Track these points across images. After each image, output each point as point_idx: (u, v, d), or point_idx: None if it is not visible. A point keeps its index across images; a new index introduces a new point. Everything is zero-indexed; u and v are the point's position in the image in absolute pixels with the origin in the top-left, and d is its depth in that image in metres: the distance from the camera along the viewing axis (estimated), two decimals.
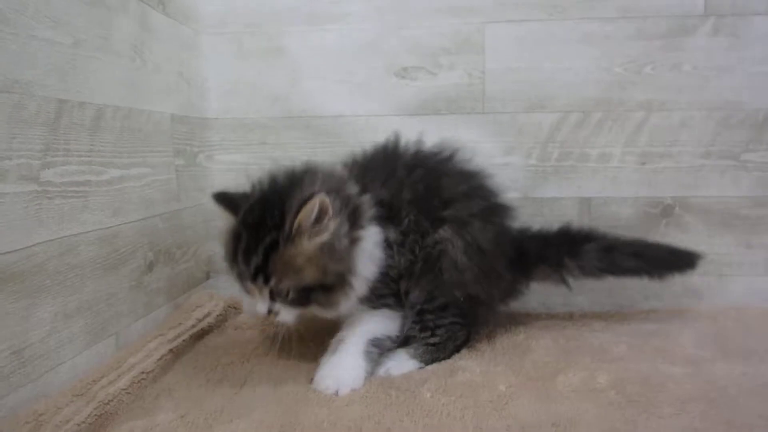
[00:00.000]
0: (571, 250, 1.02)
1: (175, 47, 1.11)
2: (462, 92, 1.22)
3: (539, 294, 1.17)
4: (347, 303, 0.84)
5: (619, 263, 1.02)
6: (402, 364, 0.90)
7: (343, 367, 0.84)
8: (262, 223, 0.80)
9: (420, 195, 0.91)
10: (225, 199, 0.85)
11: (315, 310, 0.85)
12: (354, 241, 0.82)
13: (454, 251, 0.90)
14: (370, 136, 1.09)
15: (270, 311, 0.82)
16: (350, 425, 0.73)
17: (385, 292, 0.89)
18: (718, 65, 1.17)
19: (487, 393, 0.82)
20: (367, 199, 0.86)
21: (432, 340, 0.93)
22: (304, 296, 0.82)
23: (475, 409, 0.77)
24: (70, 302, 0.79)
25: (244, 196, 0.84)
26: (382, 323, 0.90)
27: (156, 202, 1.01)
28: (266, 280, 0.80)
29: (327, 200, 0.78)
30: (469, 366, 0.91)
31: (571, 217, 1.21)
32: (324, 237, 0.80)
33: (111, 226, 0.88)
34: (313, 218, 0.78)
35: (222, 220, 0.88)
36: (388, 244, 0.87)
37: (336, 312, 0.86)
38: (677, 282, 1.14)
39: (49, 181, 0.75)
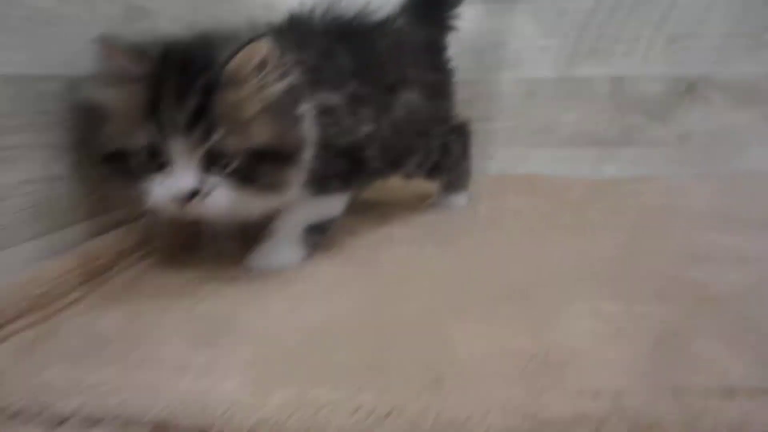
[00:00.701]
0: None
1: None
2: None
3: None
4: (295, 186, 0.69)
5: None
6: (453, 200, 1.10)
7: (277, 251, 0.75)
8: (195, 63, 0.60)
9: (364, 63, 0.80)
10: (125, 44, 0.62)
11: (249, 199, 0.64)
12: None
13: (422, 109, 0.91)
14: None
15: (196, 191, 0.60)
16: None
17: (329, 173, 0.73)
18: None
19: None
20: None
21: (458, 166, 1.09)
22: (250, 168, 0.62)
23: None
24: None
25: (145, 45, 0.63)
26: (325, 208, 0.79)
27: None
28: (206, 133, 0.59)
29: (275, 46, 0.63)
30: None
31: (605, 93, 1.41)
32: (278, 86, 0.64)
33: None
34: (258, 62, 0.62)
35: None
36: (328, 112, 0.72)
37: (279, 199, 0.69)
38: (701, 152, 1.35)
39: None
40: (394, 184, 1.08)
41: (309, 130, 0.68)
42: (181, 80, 0.59)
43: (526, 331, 0.53)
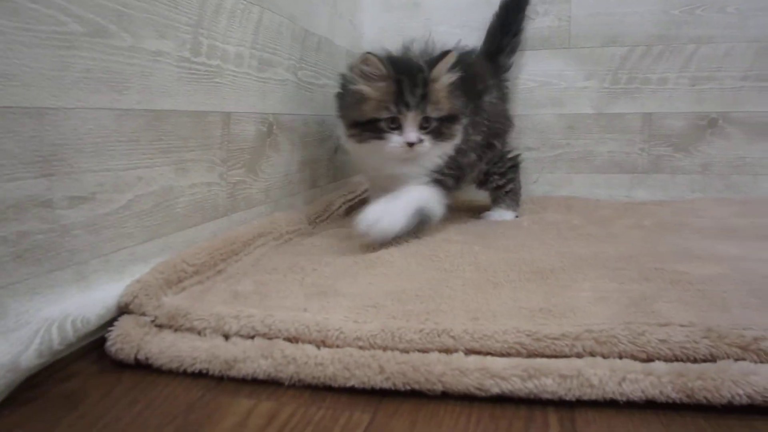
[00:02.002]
0: None
1: (349, 1, 1.59)
2: (553, 32, 1.64)
3: None
4: (457, 139, 1.11)
5: None
6: (502, 214, 1.35)
7: (388, 212, 1.01)
8: (417, 69, 1.04)
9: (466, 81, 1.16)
10: (378, 57, 1.02)
11: (435, 147, 1.07)
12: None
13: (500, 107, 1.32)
14: None
15: (416, 141, 1.03)
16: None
17: (449, 171, 1.13)
18: (757, 6, 1.52)
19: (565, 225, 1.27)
20: None
21: (509, 187, 1.35)
22: (438, 127, 1.05)
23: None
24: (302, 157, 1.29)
25: (387, 57, 1.06)
26: (434, 199, 1.09)
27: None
28: (422, 109, 1.02)
29: (454, 54, 1.06)
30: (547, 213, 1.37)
31: (636, 127, 1.62)
32: (452, 78, 1.08)
33: (323, 115, 1.38)
34: (448, 65, 1.06)
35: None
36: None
37: (450, 145, 1.10)
38: (720, 180, 1.55)
39: (300, 78, 1.24)
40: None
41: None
42: (410, 79, 1.02)
43: (541, 297, 0.75)
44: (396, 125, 1.03)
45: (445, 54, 1.06)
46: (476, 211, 1.40)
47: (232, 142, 0.96)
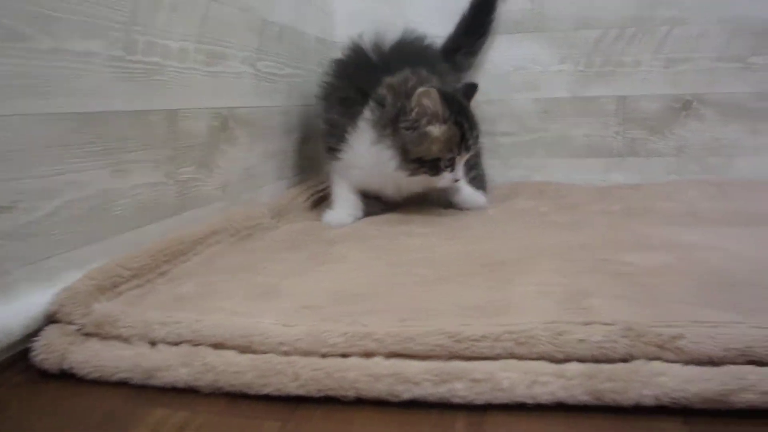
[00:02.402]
0: None
1: None
2: (526, 15, 1.62)
3: None
4: None
5: None
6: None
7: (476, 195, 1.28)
8: (463, 106, 1.14)
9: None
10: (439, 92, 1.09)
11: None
12: None
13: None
14: None
15: (462, 178, 1.16)
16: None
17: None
18: None
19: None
20: None
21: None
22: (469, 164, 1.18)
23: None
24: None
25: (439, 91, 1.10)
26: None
27: (307, 95, 1.48)
28: (476, 144, 1.16)
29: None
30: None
31: (611, 110, 1.60)
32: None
33: (288, 105, 1.36)
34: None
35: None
36: None
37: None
38: (696, 162, 1.53)
39: (259, 70, 1.23)
40: None
41: None
42: (469, 123, 1.12)
43: (483, 293, 0.74)
44: (451, 164, 1.13)
45: (474, 86, 1.22)
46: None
47: (180, 140, 0.95)
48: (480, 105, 1.59)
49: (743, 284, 0.75)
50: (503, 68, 1.65)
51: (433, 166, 1.11)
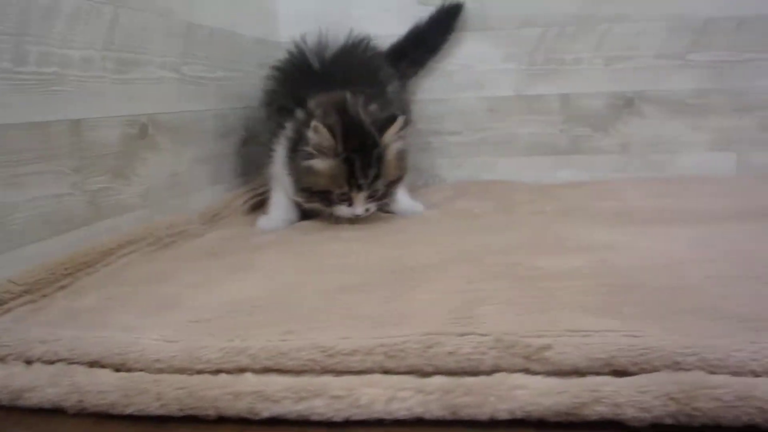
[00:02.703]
0: None
1: None
2: (469, 13, 1.60)
3: None
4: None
5: None
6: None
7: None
8: (370, 144, 1.07)
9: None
10: (328, 127, 1.05)
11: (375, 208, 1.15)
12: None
13: None
14: None
15: (363, 213, 1.11)
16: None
17: None
18: None
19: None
20: None
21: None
22: (384, 193, 1.12)
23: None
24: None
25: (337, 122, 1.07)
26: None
27: (246, 97, 1.46)
28: (374, 185, 1.08)
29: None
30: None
31: (555, 108, 1.59)
32: (400, 144, 1.13)
33: (222, 108, 1.35)
34: (397, 129, 1.10)
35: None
36: None
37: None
38: (640, 158, 1.52)
39: (185, 74, 1.21)
40: None
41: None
42: (362, 158, 1.07)
43: (381, 302, 0.73)
44: (346, 198, 1.10)
45: (393, 119, 1.10)
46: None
47: (88, 149, 0.93)
48: (426, 103, 1.60)
49: (643, 288, 0.74)
50: (448, 67, 1.63)
51: (325, 198, 1.10)
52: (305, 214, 1.25)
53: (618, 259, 0.86)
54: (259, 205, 1.38)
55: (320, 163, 1.08)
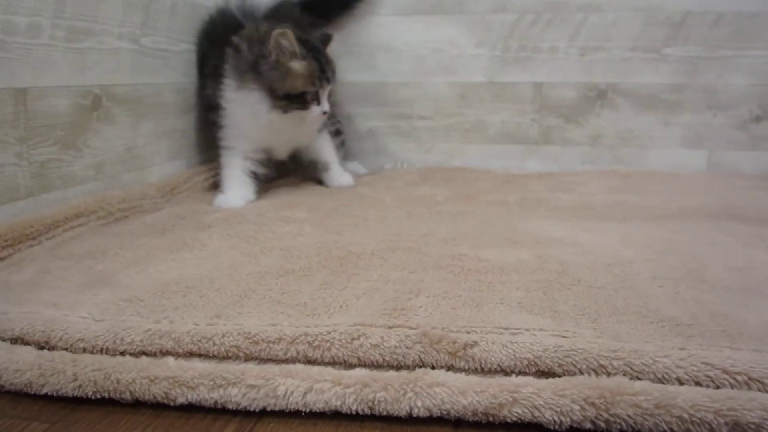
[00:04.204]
0: None
1: None
2: None
3: None
4: None
5: None
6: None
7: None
8: (318, 48, 1.20)
9: None
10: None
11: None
12: None
13: None
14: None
15: (329, 110, 1.21)
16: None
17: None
18: None
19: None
20: None
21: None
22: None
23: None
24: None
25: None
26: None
27: None
28: (332, 80, 1.21)
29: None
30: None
31: (528, 97, 1.58)
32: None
33: (183, 82, 1.32)
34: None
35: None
36: None
37: None
38: (610, 152, 1.52)
39: (144, 45, 1.18)
40: None
41: None
42: (325, 57, 1.20)
43: (314, 289, 0.72)
44: (315, 98, 1.19)
45: (330, 36, 1.28)
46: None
47: (34, 119, 0.91)
48: (396, 87, 1.58)
49: (584, 286, 0.74)
50: (419, 50, 1.62)
51: (302, 100, 1.18)
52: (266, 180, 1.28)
53: (566, 255, 0.85)
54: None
55: (296, 65, 1.16)
